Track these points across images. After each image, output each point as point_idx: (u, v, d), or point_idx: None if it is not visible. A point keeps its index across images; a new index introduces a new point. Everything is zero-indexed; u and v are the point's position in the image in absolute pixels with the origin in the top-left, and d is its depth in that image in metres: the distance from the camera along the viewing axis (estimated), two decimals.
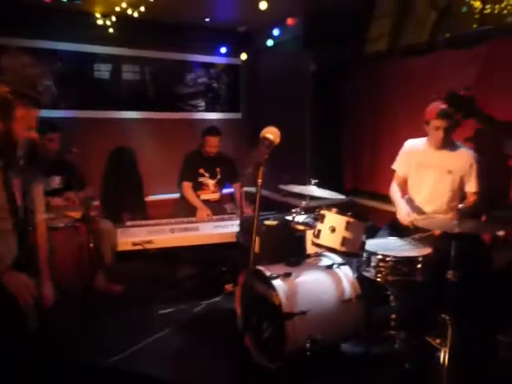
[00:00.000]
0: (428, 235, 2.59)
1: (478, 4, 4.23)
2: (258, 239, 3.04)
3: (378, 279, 2.42)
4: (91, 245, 3.15)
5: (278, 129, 1.81)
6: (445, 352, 2.19)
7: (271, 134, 1.71)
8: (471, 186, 2.81)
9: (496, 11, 4.25)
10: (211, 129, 4.03)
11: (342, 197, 2.86)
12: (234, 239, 3.42)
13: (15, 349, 1.74)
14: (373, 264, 2.44)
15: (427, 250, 2.44)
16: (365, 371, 2.43)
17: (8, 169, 1.87)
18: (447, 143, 2.80)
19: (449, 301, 2.24)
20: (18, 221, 1.88)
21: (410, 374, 2.34)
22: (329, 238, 2.46)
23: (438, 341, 2.27)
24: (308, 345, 2.27)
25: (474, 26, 4.06)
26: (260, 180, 1.57)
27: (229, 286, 3.40)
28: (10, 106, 1.82)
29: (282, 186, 2.89)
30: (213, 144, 3.94)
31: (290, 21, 4.07)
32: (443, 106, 2.68)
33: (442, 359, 2.19)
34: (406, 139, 3.08)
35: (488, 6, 4.12)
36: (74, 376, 2.25)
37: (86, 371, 2.41)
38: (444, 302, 2.27)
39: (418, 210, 2.89)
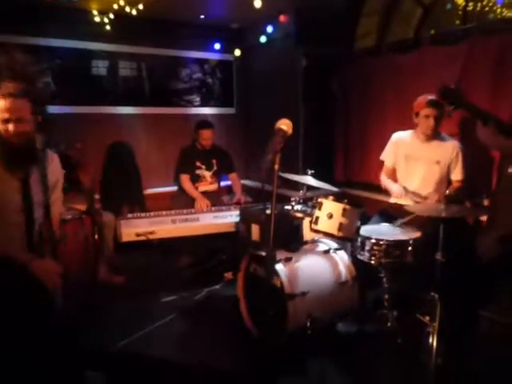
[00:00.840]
0: (413, 218, 2.75)
1: (461, 1, 4.41)
2: (258, 227, 3.20)
3: (372, 262, 2.59)
4: (96, 236, 3.25)
5: (271, 123, 1.97)
6: (433, 328, 2.38)
7: (285, 125, 1.85)
8: (457, 174, 3.01)
9: (478, 9, 4.45)
10: (204, 122, 4.14)
11: (335, 188, 3.02)
12: (233, 229, 3.54)
13: (44, 328, 1.86)
14: (367, 248, 2.60)
15: (417, 234, 2.61)
16: (359, 348, 2.58)
17: (15, 165, 1.96)
18: (434, 135, 2.99)
19: (437, 280, 2.44)
20: (31, 216, 1.98)
21: (402, 350, 2.50)
22: (326, 224, 2.62)
23: (427, 318, 2.45)
24: (308, 323, 2.43)
25: (458, 22, 4.25)
26: (277, 166, 1.72)
27: (228, 274, 3.53)
28: None
29: (281, 174, 3.03)
30: (206, 136, 4.04)
31: (282, 18, 4.15)
32: (432, 96, 2.86)
33: (430, 335, 2.38)
34: (393, 131, 3.24)
35: (471, 4, 4.32)
36: (85, 360, 2.34)
37: (96, 355, 2.49)
38: (433, 281, 2.45)
39: (410, 198, 3.08)
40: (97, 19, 3.98)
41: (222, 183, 4.41)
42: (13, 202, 1.92)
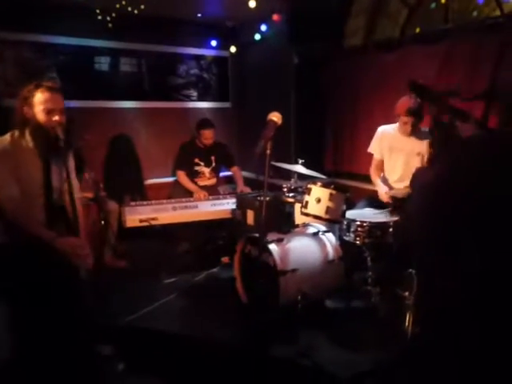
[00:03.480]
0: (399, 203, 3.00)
1: (444, 1, 4.62)
2: (252, 213, 3.43)
3: (357, 242, 2.84)
4: (102, 222, 3.47)
5: (264, 116, 2.24)
6: (410, 301, 2.63)
7: (275, 117, 2.12)
8: None
9: (461, 8, 4.65)
10: (205, 122, 4.22)
11: (324, 177, 3.26)
12: (229, 215, 3.73)
13: (73, 296, 2.09)
14: (352, 229, 2.86)
15: (397, 217, 2.89)
16: (346, 321, 2.80)
17: (45, 151, 2.18)
18: (415, 131, 3.24)
19: (414, 258, 2.68)
20: (51, 199, 2.20)
21: (384, 322, 2.73)
22: (315, 208, 2.87)
23: (406, 293, 2.71)
24: (299, 298, 2.66)
25: (442, 21, 4.45)
26: (268, 151, 1.98)
27: (225, 259, 3.73)
28: (29, 95, 2.12)
29: (274, 163, 3.26)
30: (208, 136, 4.15)
31: (275, 17, 4.29)
32: (411, 105, 3.11)
33: (408, 307, 2.63)
34: (379, 125, 3.47)
35: (454, 4, 4.53)
36: (96, 333, 2.52)
37: (105, 329, 2.66)
38: (411, 259, 2.71)
39: (392, 188, 3.33)
40: (99, 17, 4.14)
41: (221, 174, 4.57)
42: (37, 185, 2.14)
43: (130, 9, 3.96)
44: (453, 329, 0.99)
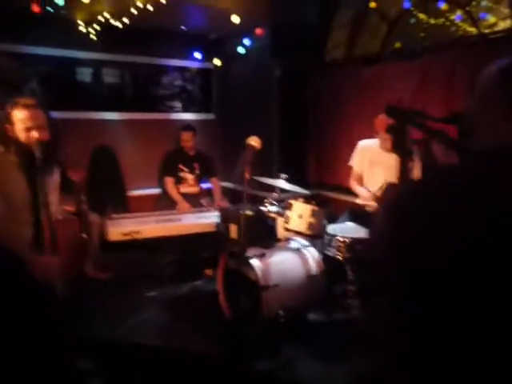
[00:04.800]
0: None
1: (423, 16, 4.75)
2: (235, 227, 3.45)
3: (338, 257, 2.89)
4: (84, 235, 3.45)
5: (248, 128, 2.25)
6: None
7: (254, 141, 2.14)
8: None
9: (439, 24, 4.79)
10: (184, 125, 4.39)
11: (305, 191, 3.30)
12: (213, 229, 3.73)
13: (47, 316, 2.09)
14: (333, 244, 2.91)
15: None
16: (328, 334, 2.86)
17: (29, 167, 2.17)
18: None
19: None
20: (36, 212, 2.20)
21: (365, 333, 2.75)
22: (297, 223, 2.91)
23: None
24: (281, 312, 2.68)
25: (422, 34, 4.57)
26: (248, 177, 2.00)
27: (209, 271, 3.76)
28: (8, 112, 2.12)
29: (256, 178, 3.30)
30: (186, 138, 4.26)
31: (258, 31, 4.35)
32: (390, 122, 3.18)
33: None
34: (360, 138, 3.56)
35: (432, 20, 4.66)
36: (75, 347, 2.50)
37: (84, 343, 2.66)
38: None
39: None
40: (83, 29, 4.12)
41: (204, 185, 4.60)
42: (21, 200, 2.13)
43: (113, 21, 3.95)
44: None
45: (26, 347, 2.06)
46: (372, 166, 3.42)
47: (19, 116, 2.11)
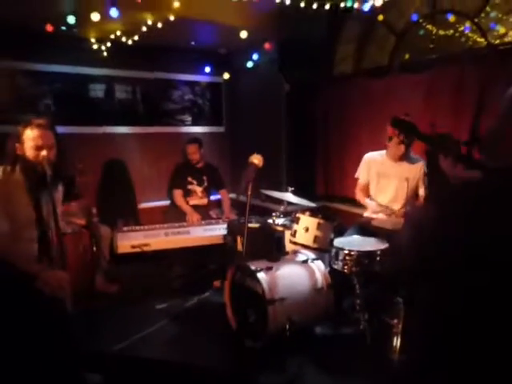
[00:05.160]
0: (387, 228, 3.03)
1: (431, 28, 4.74)
2: (243, 239, 3.47)
3: (345, 270, 2.86)
4: (94, 248, 3.51)
5: (257, 141, 2.28)
6: (398, 329, 2.66)
7: (257, 159, 2.18)
8: (423, 190, 3.34)
9: (448, 35, 4.78)
10: (190, 138, 4.49)
11: (313, 204, 3.31)
12: (221, 241, 3.76)
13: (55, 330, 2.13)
14: (340, 258, 2.88)
15: (384, 245, 2.92)
16: (334, 348, 2.82)
17: (36, 188, 2.24)
18: (404, 156, 3.31)
19: (401, 286, 2.72)
20: (43, 230, 2.25)
21: (372, 349, 2.76)
22: (303, 237, 2.91)
23: (394, 321, 2.74)
24: (287, 326, 2.67)
25: (431, 46, 4.56)
26: (249, 193, 2.03)
27: (217, 283, 3.73)
28: (20, 132, 2.21)
29: (263, 191, 3.33)
30: (191, 151, 4.34)
31: (267, 45, 4.38)
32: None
33: (396, 335, 2.66)
34: (368, 150, 3.55)
35: (440, 31, 4.66)
36: (83, 361, 2.52)
37: (93, 357, 2.68)
38: (397, 287, 2.75)
39: (383, 211, 3.38)
40: (95, 46, 4.24)
41: (212, 197, 4.66)
42: (26, 218, 2.19)
43: (124, 39, 4.05)
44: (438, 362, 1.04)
45: (35, 362, 2.09)
46: (379, 177, 3.42)
47: (30, 135, 2.19)
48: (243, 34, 3.84)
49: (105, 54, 4.30)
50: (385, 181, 3.40)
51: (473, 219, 0.90)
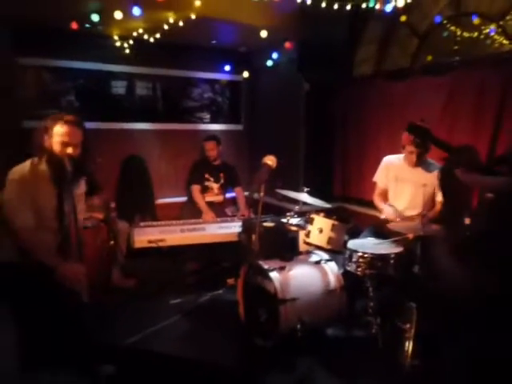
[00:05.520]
0: (403, 238, 3.02)
1: (455, 29, 4.65)
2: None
3: (358, 272, 2.85)
4: (111, 242, 3.57)
5: (275, 140, 2.28)
6: (410, 334, 2.64)
7: (270, 160, 2.19)
8: (440, 196, 3.29)
9: (473, 37, 4.68)
10: (207, 135, 4.52)
11: (328, 205, 3.30)
12: (236, 238, 3.77)
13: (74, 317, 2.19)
14: (354, 260, 2.87)
15: (399, 249, 2.89)
16: (345, 351, 2.82)
17: (59, 181, 2.30)
18: (421, 162, 3.28)
19: (414, 290, 2.71)
20: (64, 222, 2.31)
21: (383, 353, 2.74)
22: (317, 238, 2.91)
23: (407, 325, 2.71)
24: (298, 326, 2.68)
25: (456, 47, 4.49)
26: (262, 193, 2.04)
27: (231, 280, 3.75)
28: (50, 125, 2.25)
29: (278, 190, 3.33)
30: (209, 147, 4.37)
31: (288, 44, 4.39)
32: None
33: (408, 340, 2.64)
34: (386, 153, 3.52)
35: (465, 33, 4.57)
36: (98, 353, 2.58)
37: (107, 349, 2.72)
38: (411, 292, 2.73)
39: (399, 213, 3.36)
40: (117, 44, 4.32)
41: (228, 195, 4.68)
42: (51, 210, 2.26)
43: (146, 37, 4.11)
44: None
45: (49, 353, 2.16)
46: (397, 181, 3.38)
47: (59, 130, 2.24)
48: (263, 34, 3.85)
49: (127, 51, 4.36)
50: (401, 185, 3.36)
51: None
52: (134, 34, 4.11)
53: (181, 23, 3.77)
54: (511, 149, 2.71)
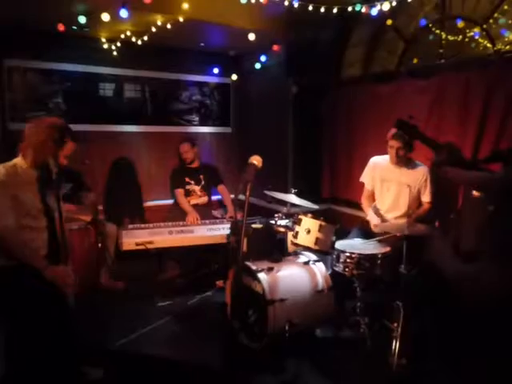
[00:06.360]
0: (389, 237, 3.05)
1: (441, 33, 4.72)
2: (246, 239, 3.50)
3: (346, 273, 2.88)
4: (99, 245, 3.56)
5: (264, 142, 2.29)
6: (397, 333, 2.66)
7: (256, 160, 2.20)
8: (426, 197, 3.32)
9: (457, 40, 4.76)
10: (182, 138, 4.49)
11: (316, 206, 3.32)
12: (224, 240, 3.77)
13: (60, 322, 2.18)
14: (341, 260, 2.90)
15: (386, 249, 2.92)
16: (334, 351, 2.85)
17: (44, 180, 2.30)
18: (405, 162, 3.30)
19: (401, 290, 2.73)
20: (50, 220, 2.31)
21: (371, 352, 2.78)
22: (305, 238, 2.93)
23: (394, 325, 2.73)
24: (287, 327, 2.69)
25: (441, 51, 4.55)
26: (248, 194, 2.05)
27: (220, 282, 3.80)
28: (64, 139, 2.29)
29: (267, 192, 3.35)
30: (183, 150, 4.33)
31: (275, 47, 4.41)
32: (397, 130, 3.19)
33: (396, 339, 2.66)
34: (374, 154, 3.55)
35: (450, 36, 4.64)
36: (85, 355, 2.58)
37: (95, 352, 2.74)
38: (398, 291, 2.75)
39: (382, 217, 3.39)
40: (105, 46, 4.29)
41: (215, 197, 4.66)
42: (37, 209, 2.24)
43: (133, 39, 4.11)
44: None
45: (36, 355, 2.14)
46: (383, 182, 3.41)
47: (69, 148, 2.33)
48: (251, 36, 3.87)
49: (115, 53, 4.35)
50: (386, 185, 3.39)
51: None
52: (122, 36, 4.10)
53: (169, 26, 3.78)
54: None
